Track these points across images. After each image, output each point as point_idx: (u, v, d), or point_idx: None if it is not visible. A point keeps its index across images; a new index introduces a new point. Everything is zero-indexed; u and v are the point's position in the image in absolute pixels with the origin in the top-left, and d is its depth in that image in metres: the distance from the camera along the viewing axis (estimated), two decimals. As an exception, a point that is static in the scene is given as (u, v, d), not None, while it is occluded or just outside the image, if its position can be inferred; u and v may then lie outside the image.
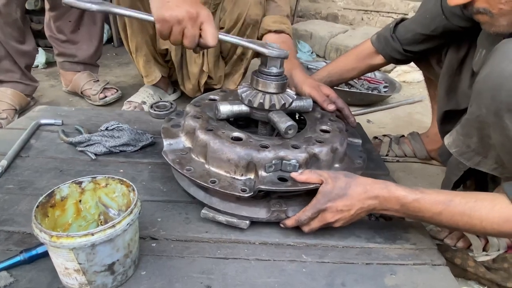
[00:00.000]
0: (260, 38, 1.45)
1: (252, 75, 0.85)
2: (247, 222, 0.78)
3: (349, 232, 0.82)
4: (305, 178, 0.75)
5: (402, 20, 1.16)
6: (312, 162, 0.79)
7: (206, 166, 0.79)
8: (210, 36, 0.79)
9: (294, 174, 0.76)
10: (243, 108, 0.86)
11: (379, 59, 1.21)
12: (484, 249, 0.88)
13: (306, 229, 0.77)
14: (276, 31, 1.39)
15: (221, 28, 1.48)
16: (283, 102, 0.83)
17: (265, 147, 0.77)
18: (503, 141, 0.68)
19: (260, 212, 0.79)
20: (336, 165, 0.86)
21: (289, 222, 0.77)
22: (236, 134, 0.81)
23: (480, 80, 0.71)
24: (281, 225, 0.79)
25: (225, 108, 0.85)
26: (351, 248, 0.78)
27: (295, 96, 0.87)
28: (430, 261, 0.77)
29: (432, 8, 1.04)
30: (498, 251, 0.87)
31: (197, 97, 0.99)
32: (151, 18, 0.79)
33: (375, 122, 1.79)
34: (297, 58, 1.32)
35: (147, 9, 1.41)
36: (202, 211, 0.80)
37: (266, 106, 0.82)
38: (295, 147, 0.79)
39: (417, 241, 0.82)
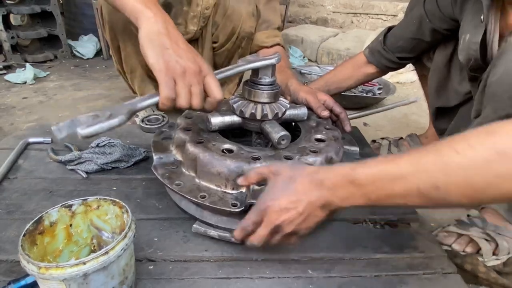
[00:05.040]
0: (254, 53, 1.44)
1: (243, 85, 0.83)
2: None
3: (355, 243, 0.79)
4: (245, 181, 0.68)
5: (389, 29, 1.17)
6: None
7: (197, 180, 0.76)
8: (216, 89, 0.71)
9: (239, 180, 0.69)
10: (235, 118, 0.84)
11: (374, 68, 1.22)
12: (493, 253, 0.85)
13: (255, 240, 0.64)
14: (270, 46, 1.39)
15: (214, 42, 1.46)
16: (275, 111, 0.81)
17: (256, 159, 0.74)
18: None
19: None
20: None
21: (236, 233, 0.66)
22: (227, 146, 0.78)
23: (494, 82, 0.68)
24: (232, 239, 0.70)
25: (216, 120, 0.82)
26: (358, 260, 0.75)
27: (288, 105, 0.85)
28: (441, 270, 0.74)
29: (416, 13, 1.06)
30: (508, 254, 0.84)
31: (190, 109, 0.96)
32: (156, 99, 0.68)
33: (372, 125, 1.77)
34: (291, 69, 1.31)
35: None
36: (194, 225, 0.77)
37: (258, 116, 0.80)
38: (288, 158, 0.75)
39: (426, 249, 0.79)
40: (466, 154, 0.47)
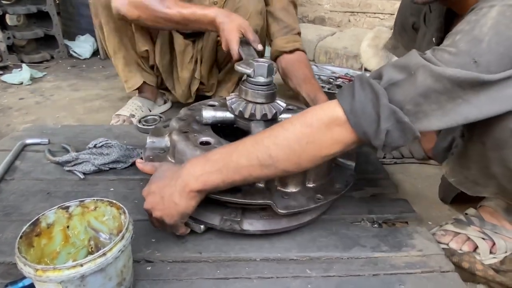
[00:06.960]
0: (274, 60, 1.43)
1: (240, 85, 0.84)
2: (202, 226, 0.77)
3: (354, 242, 0.79)
4: (141, 166, 0.79)
5: None
6: None
7: None
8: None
9: (137, 161, 0.82)
10: (227, 115, 0.86)
11: None
12: (490, 252, 0.85)
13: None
14: (290, 51, 1.37)
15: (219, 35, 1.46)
16: (264, 112, 0.82)
17: None
18: (504, 172, 0.66)
19: (215, 219, 0.77)
20: (310, 185, 0.81)
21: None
22: (206, 139, 0.81)
23: None
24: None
25: (208, 114, 0.85)
26: (356, 259, 0.75)
27: (282, 108, 0.85)
28: (439, 268, 0.74)
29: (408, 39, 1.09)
30: (506, 253, 0.84)
31: (197, 103, 0.99)
32: None
33: (369, 123, 1.77)
34: (316, 79, 1.29)
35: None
36: None
37: (246, 115, 0.82)
38: None
39: (423, 247, 0.79)
40: (288, 129, 0.65)
